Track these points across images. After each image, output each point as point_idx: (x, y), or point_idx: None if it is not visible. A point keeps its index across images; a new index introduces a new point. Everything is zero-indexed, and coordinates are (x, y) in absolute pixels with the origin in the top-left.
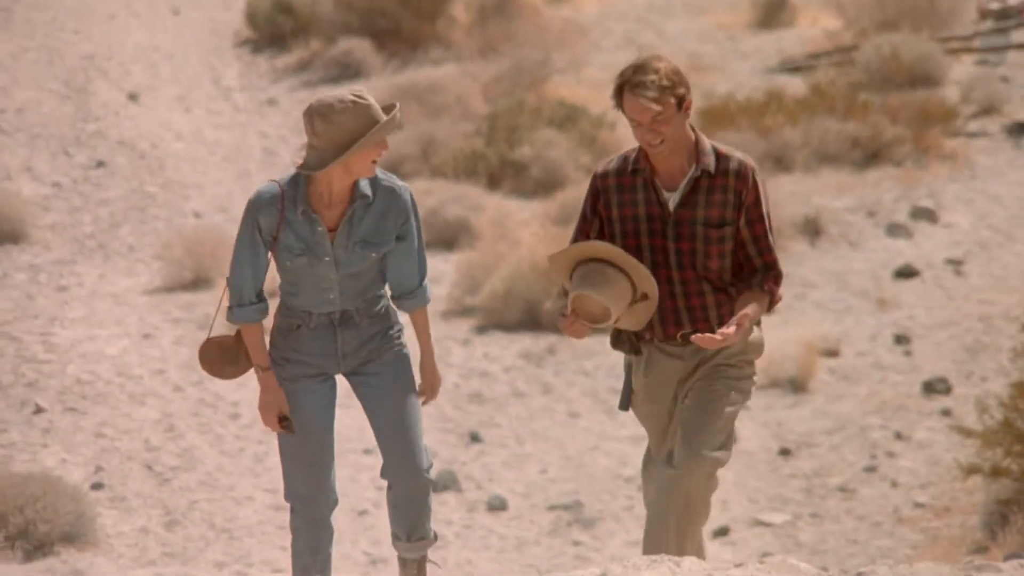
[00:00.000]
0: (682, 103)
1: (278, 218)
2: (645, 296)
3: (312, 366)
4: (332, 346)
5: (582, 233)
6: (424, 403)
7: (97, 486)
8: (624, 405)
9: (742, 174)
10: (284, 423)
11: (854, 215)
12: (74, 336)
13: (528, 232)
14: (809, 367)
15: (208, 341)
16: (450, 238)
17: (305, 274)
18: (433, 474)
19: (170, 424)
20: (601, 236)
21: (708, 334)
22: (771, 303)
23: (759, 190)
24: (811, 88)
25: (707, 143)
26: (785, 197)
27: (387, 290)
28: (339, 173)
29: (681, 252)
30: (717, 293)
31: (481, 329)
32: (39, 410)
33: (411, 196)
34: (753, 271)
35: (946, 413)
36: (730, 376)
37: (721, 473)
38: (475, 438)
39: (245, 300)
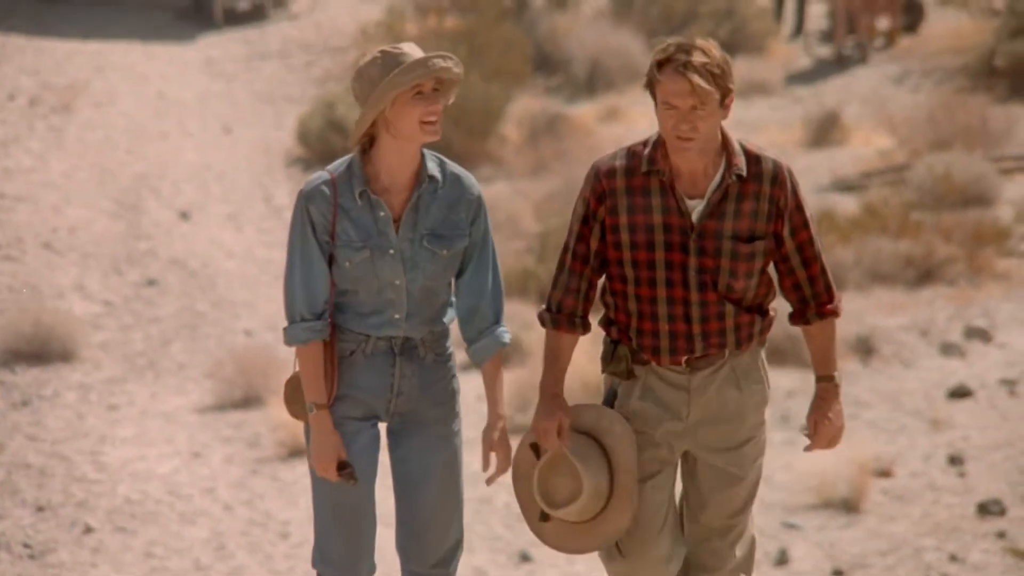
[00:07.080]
0: (725, 98)
1: (332, 207)
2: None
3: (361, 405)
4: (388, 380)
5: (581, 239)
6: (489, 482)
7: None
8: None
9: (779, 179)
10: (344, 472)
11: (907, 334)
12: (124, 455)
13: (579, 351)
14: (862, 487)
15: (291, 377)
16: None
17: (367, 278)
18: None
19: (220, 543)
20: (602, 245)
21: (827, 442)
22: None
23: (799, 193)
24: (863, 207)
25: (735, 142)
26: None
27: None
28: (391, 145)
29: (704, 269)
30: (739, 315)
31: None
32: (89, 530)
33: (482, 196)
34: (802, 296)
35: (1001, 535)
36: (745, 446)
37: None
38: (525, 557)
39: (297, 316)
